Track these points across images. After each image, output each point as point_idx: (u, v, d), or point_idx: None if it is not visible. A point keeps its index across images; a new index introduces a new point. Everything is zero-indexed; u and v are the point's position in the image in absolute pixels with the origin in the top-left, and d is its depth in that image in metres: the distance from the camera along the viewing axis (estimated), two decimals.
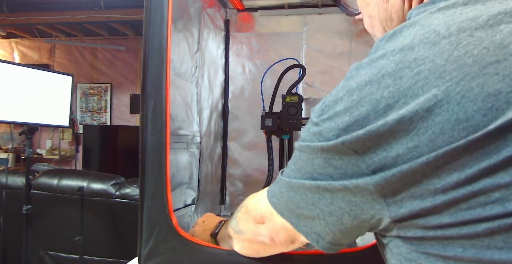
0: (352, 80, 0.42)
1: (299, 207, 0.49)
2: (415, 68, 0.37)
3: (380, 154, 0.39)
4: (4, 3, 3.86)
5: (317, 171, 0.45)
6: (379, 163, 0.39)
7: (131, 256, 0.96)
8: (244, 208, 0.67)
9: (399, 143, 0.38)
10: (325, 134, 0.42)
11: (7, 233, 2.05)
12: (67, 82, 2.07)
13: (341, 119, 0.41)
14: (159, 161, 0.86)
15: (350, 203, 0.43)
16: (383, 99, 0.38)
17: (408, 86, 0.37)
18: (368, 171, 0.40)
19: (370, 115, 0.39)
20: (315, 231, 0.49)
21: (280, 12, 1.68)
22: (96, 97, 5.27)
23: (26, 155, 1.96)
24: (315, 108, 0.46)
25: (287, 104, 1.46)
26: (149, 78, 0.87)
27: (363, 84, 0.40)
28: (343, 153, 0.41)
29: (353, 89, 0.41)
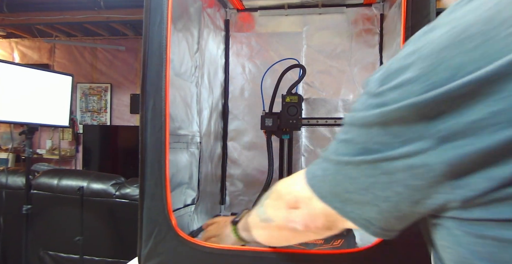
0: (421, 45, 0.37)
1: (348, 191, 0.44)
2: (507, 29, 0.32)
3: (453, 118, 0.34)
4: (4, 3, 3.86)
5: (373, 139, 0.39)
6: (451, 128, 0.34)
7: (131, 256, 0.96)
8: (275, 193, 0.62)
9: (478, 106, 0.33)
10: (389, 104, 0.37)
11: (7, 233, 2.06)
12: (67, 82, 2.07)
13: (412, 88, 0.35)
14: (159, 161, 0.86)
15: (412, 188, 0.38)
16: (467, 64, 0.33)
17: (498, 49, 0.32)
18: (437, 139, 0.35)
19: (450, 80, 0.34)
20: (365, 217, 0.44)
21: (280, 12, 1.68)
22: (96, 97, 5.28)
23: (26, 155, 1.96)
24: (373, 77, 0.40)
25: (287, 104, 1.46)
26: (148, 78, 0.87)
27: (439, 48, 0.35)
28: (408, 119, 0.36)
29: (426, 54, 0.36)
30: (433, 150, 0.35)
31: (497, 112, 0.32)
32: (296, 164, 1.65)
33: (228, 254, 0.84)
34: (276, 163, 1.53)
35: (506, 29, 0.33)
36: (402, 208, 0.41)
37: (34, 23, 4.32)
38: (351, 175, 0.43)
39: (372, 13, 1.63)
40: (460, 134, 0.34)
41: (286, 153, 1.53)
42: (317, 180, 0.48)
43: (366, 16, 1.63)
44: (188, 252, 0.86)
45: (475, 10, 0.35)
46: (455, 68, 0.34)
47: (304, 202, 0.52)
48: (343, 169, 0.43)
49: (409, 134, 0.36)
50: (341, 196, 0.45)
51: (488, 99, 0.32)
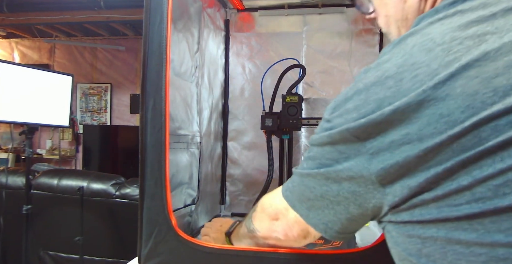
0: (360, 82, 0.48)
1: (310, 198, 0.54)
2: (413, 71, 0.43)
3: (378, 139, 0.45)
4: (4, 3, 3.86)
5: (325, 156, 0.51)
6: (377, 147, 0.45)
7: (131, 256, 0.96)
8: (259, 206, 0.71)
9: (394, 130, 0.44)
10: (335, 128, 0.49)
11: (7, 233, 2.05)
12: (67, 82, 2.07)
13: (350, 115, 0.47)
14: (159, 161, 0.86)
15: (355, 194, 0.49)
16: (386, 99, 0.44)
17: (407, 88, 0.43)
18: (368, 154, 0.46)
19: (374, 111, 0.45)
20: (324, 221, 0.54)
21: (280, 12, 1.68)
22: (96, 97, 5.28)
23: (26, 155, 1.96)
24: (328, 107, 0.52)
25: (287, 104, 1.46)
26: (148, 78, 0.87)
27: (369, 85, 0.46)
28: (347, 139, 0.47)
29: (361, 89, 0.47)
30: (366, 164, 0.46)
31: (406, 134, 0.43)
32: (296, 164, 1.65)
33: (228, 254, 0.84)
34: (276, 163, 1.53)
35: (412, 72, 0.43)
36: (351, 210, 0.51)
37: (34, 23, 4.32)
38: (310, 185, 0.53)
39: None
40: (383, 151, 0.44)
41: (286, 153, 1.53)
42: (289, 191, 0.59)
43: None
44: (188, 252, 0.86)
45: (395, 55, 0.46)
46: (378, 101, 0.44)
47: (282, 213, 0.62)
48: (304, 180, 0.54)
49: (349, 151, 0.47)
50: (305, 203, 0.55)
51: (401, 124, 0.43)
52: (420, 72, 0.43)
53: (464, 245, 0.41)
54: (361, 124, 0.45)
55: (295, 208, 0.57)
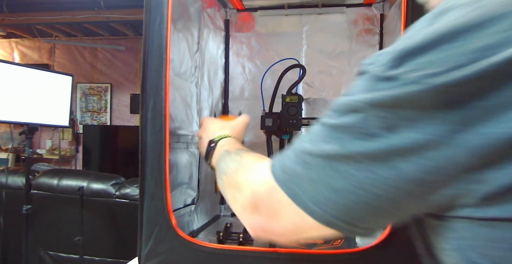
0: (437, 27, 0.32)
1: (335, 190, 0.36)
2: None
3: (475, 104, 0.30)
4: (4, 3, 3.86)
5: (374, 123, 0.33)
6: (472, 115, 0.30)
7: (131, 256, 0.96)
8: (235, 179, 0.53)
9: (502, 89, 0.30)
10: (407, 85, 0.32)
11: (7, 233, 2.05)
12: (67, 82, 2.07)
13: (436, 70, 0.31)
14: (159, 161, 0.86)
15: (423, 185, 0.33)
16: (496, 47, 0.30)
17: None
18: (454, 126, 0.31)
19: (478, 60, 0.30)
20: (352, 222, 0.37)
21: (280, 12, 1.68)
22: (96, 97, 5.28)
23: (26, 155, 1.96)
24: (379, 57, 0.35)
25: (287, 104, 1.45)
26: (148, 78, 0.87)
27: (467, 27, 0.31)
28: (423, 104, 0.31)
29: (445, 35, 0.31)
30: (453, 139, 0.31)
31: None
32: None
33: (228, 254, 0.84)
34: None
35: None
36: (405, 206, 0.35)
37: (34, 23, 4.32)
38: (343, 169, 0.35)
39: (372, 13, 1.63)
40: (483, 119, 0.30)
41: None
42: (292, 175, 0.40)
43: (366, 16, 1.63)
44: (188, 252, 0.86)
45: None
46: (481, 50, 0.30)
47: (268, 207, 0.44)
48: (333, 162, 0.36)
49: (424, 120, 0.31)
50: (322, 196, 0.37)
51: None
52: None
53: None
54: (455, 80, 0.30)
55: (297, 200, 0.39)
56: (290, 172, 0.40)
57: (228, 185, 0.55)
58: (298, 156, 0.40)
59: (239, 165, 0.56)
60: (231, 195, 0.53)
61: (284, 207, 0.40)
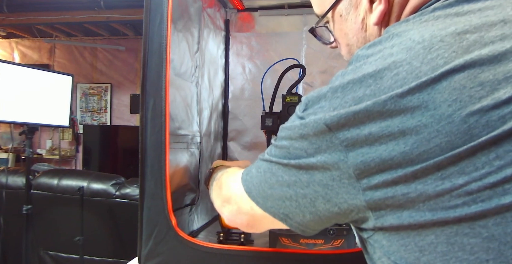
0: (336, 81, 0.46)
1: (272, 187, 0.51)
2: (394, 69, 0.42)
3: (353, 131, 0.43)
4: (4, 3, 3.86)
5: (293, 145, 0.48)
6: (352, 139, 0.43)
7: (131, 256, 0.96)
8: (219, 182, 0.71)
9: (372, 122, 0.42)
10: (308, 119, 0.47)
11: (7, 233, 2.05)
12: (67, 82, 2.07)
13: (325, 109, 0.45)
14: (159, 160, 0.86)
15: (326, 187, 0.46)
16: (365, 97, 0.42)
17: (388, 85, 0.42)
18: (342, 146, 0.44)
19: (352, 106, 0.43)
20: (284, 211, 0.51)
21: (280, 12, 1.68)
22: (96, 97, 5.28)
23: (26, 155, 1.96)
24: (300, 104, 0.50)
25: (287, 104, 1.45)
26: (149, 78, 0.87)
27: (346, 83, 0.45)
28: (320, 130, 0.45)
29: (336, 87, 0.45)
30: (342, 156, 0.44)
31: (387, 126, 0.41)
32: None
33: (228, 254, 0.84)
34: None
35: (393, 70, 0.42)
36: (318, 204, 0.48)
37: (34, 23, 4.32)
38: (278, 173, 0.50)
39: None
40: (360, 144, 0.42)
41: None
42: (250, 176, 0.56)
43: None
44: (188, 252, 0.86)
45: (371, 57, 0.45)
46: (356, 99, 0.43)
47: (235, 200, 0.60)
48: (273, 168, 0.51)
49: (321, 142, 0.45)
50: (265, 192, 0.52)
51: (381, 117, 0.41)
52: (401, 70, 0.42)
53: (468, 252, 0.39)
54: (338, 114, 0.43)
55: (250, 194, 0.54)
56: (249, 173, 0.56)
57: (215, 186, 0.72)
58: (256, 162, 0.56)
59: (224, 172, 0.74)
60: (216, 194, 0.71)
61: (243, 200, 0.56)
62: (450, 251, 0.40)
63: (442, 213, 0.40)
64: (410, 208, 0.41)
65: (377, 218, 0.44)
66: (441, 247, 0.40)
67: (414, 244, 0.42)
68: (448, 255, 0.40)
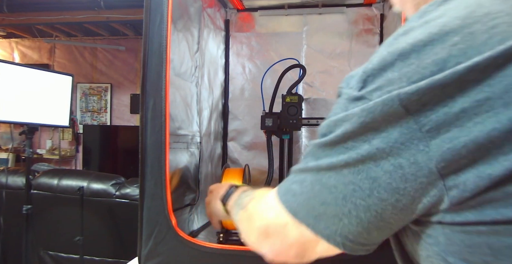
0: (402, 43, 0.35)
1: (325, 203, 0.39)
2: (488, 22, 0.33)
3: (439, 110, 0.33)
4: (4, 3, 3.86)
5: (353, 138, 0.36)
6: (438, 121, 0.33)
7: (131, 256, 0.96)
8: (247, 213, 0.56)
9: (465, 95, 0.32)
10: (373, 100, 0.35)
11: (7, 233, 2.05)
12: (67, 82, 2.07)
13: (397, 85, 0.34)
14: (159, 161, 0.86)
15: (397, 192, 0.35)
16: (452, 58, 0.32)
17: (482, 41, 0.32)
18: (423, 132, 0.33)
19: (436, 73, 0.33)
20: (342, 232, 0.39)
21: (280, 12, 1.68)
22: (96, 97, 5.27)
23: (26, 155, 1.96)
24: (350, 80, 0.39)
25: (287, 104, 1.46)
26: (148, 78, 0.87)
27: (421, 44, 0.34)
28: (392, 112, 0.34)
29: (408, 51, 0.34)
30: (422, 146, 0.33)
31: (487, 99, 0.31)
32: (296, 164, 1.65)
33: (228, 254, 0.84)
34: (276, 163, 1.53)
35: (486, 23, 0.33)
36: (387, 216, 0.37)
37: (34, 23, 4.32)
38: (329, 183, 0.39)
39: (372, 13, 1.63)
40: (448, 126, 0.32)
41: (286, 153, 1.53)
42: (290, 195, 0.43)
43: (366, 16, 1.63)
44: (188, 252, 0.86)
45: (451, 9, 0.35)
46: (440, 63, 0.33)
47: (276, 231, 0.46)
48: (322, 177, 0.39)
49: (393, 129, 0.34)
50: (315, 210, 0.40)
51: (477, 86, 0.32)
52: (499, 22, 0.32)
53: None
54: (418, 88, 0.33)
55: (297, 216, 0.42)
56: (289, 191, 0.44)
57: (243, 218, 0.57)
58: (295, 175, 0.44)
59: (251, 198, 0.59)
60: (246, 227, 0.56)
61: (289, 226, 0.43)
62: None
63: None
64: (502, 203, 0.32)
65: (451, 213, 0.34)
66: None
67: (486, 247, 0.33)
68: None
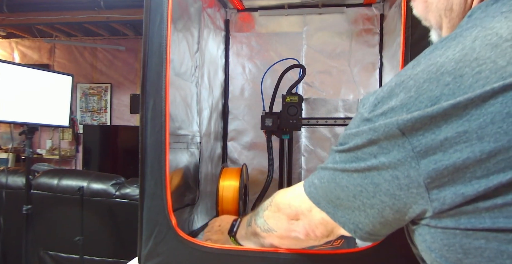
0: (408, 78, 0.43)
1: (339, 198, 0.50)
2: (476, 67, 0.38)
3: (428, 136, 0.40)
4: (4, 3, 3.86)
5: (361, 150, 0.46)
6: (426, 145, 0.40)
7: (131, 256, 0.96)
8: (274, 206, 0.67)
9: (449, 126, 0.39)
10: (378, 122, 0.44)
11: (7, 233, 2.05)
12: (67, 82, 2.07)
13: (397, 114, 0.42)
14: (159, 161, 0.86)
15: (393, 197, 0.44)
16: (443, 97, 0.39)
17: (468, 84, 0.38)
18: (414, 152, 0.41)
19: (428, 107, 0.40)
20: (353, 221, 0.50)
21: (280, 12, 1.68)
22: (96, 97, 5.28)
23: (26, 155, 1.96)
24: (365, 103, 0.47)
25: (287, 104, 1.46)
26: (148, 78, 0.87)
27: (421, 81, 0.41)
28: (391, 134, 0.42)
29: (410, 86, 0.42)
30: (413, 163, 0.41)
31: (464, 132, 0.38)
32: (296, 164, 1.65)
33: (228, 254, 0.84)
34: (276, 163, 1.53)
35: (474, 68, 0.38)
36: (386, 214, 0.47)
37: (34, 23, 4.32)
38: (342, 183, 0.49)
39: (372, 13, 1.63)
40: (434, 150, 0.40)
41: (286, 153, 1.53)
42: (314, 188, 0.55)
43: (366, 16, 1.63)
44: (188, 252, 0.86)
45: (451, 49, 0.41)
46: (433, 99, 0.40)
47: (304, 214, 0.59)
48: (337, 177, 0.50)
49: (393, 147, 0.42)
50: (333, 202, 0.52)
51: (458, 121, 0.38)
52: (484, 69, 0.38)
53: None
54: (412, 117, 0.40)
55: (320, 205, 0.54)
56: (312, 184, 0.56)
57: (271, 213, 0.69)
58: (318, 172, 0.55)
59: (271, 200, 0.70)
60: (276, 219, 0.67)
61: (313, 211, 0.56)
62: (497, 258, 0.38)
63: (504, 222, 0.38)
64: (472, 214, 0.39)
65: (434, 219, 0.43)
66: (489, 253, 0.39)
67: (459, 246, 0.41)
68: (495, 261, 0.38)
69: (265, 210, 0.70)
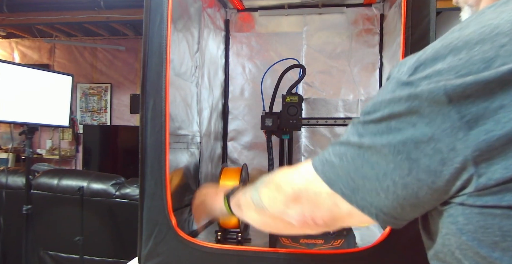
0: (455, 39, 0.39)
1: (365, 177, 0.43)
2: None
3: (479, 104, 0.36)
4: (4, 3, 3.86)
5: (397, 118, 0.40)
6: (477, 113, 0.36)
7: (131, 256, 0.96)
8: (273, 183, 0.59)
9: (505, 93, 0.35)
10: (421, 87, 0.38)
11: (7, 233, 2.05)
12: (67, 82, 2.07)
13: (446, 76, 0.37)
14: (159, 161, 0.86)
15: (434, 174, 0.38)
16: (498, 58, 0.35)
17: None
18: (462, 122, 0.36)
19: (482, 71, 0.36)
20: (377, 205, 0.43)
21: (280, 12, 1.68)
22: (96, 97, 5.27)
23: (26, 155, 1.96)
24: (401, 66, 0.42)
25: (287, 104, 1.46)
26: (149, 78, 0.87)
27: (472, 42, 0.37)
28: (436, 100, 0.37)
29: (460, 47, 0.38)
30: (461, 134, 0.36)
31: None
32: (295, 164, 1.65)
33: (228, 254, 0.84)
34: (276, 163, 1.53)
35: None
36: (422, 195, 0.40)
37: (34, 23, 4.32)
38: (372, 160, 0.42)
39: (372, 13, 1.63)
40: (485, 119, 0.35)
41: (286, 153, 1.53)
42: (329, 166, 0.47)
43: (366, 16, 1.63)
44: (188, 252, 0.86)
45: (505, 12, 0.38)
46: (488, 61, 0.35)
47: (309, 198, 0.50)
48: (364, 154, 0.43)
49: (436, 115, 0.37)
50: (355, 182, 0.44)
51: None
52: None
53: None
54: (464, 82, 0.36)
55: (334, 186, 0.45)
56: (328, 162, 0.47)
57: (269, 190, 0.59)
58: (334, 148, 0.47)
59: (270, 177, 0.61)
60: (272, 197, 0.58)
61: (322, 195, 0.47)
62: None
63: None
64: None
65: (473, 197, 0.38)
66: None
67: (497, 228, 0.36)
68: None
69: (263, 186, 0.62)
